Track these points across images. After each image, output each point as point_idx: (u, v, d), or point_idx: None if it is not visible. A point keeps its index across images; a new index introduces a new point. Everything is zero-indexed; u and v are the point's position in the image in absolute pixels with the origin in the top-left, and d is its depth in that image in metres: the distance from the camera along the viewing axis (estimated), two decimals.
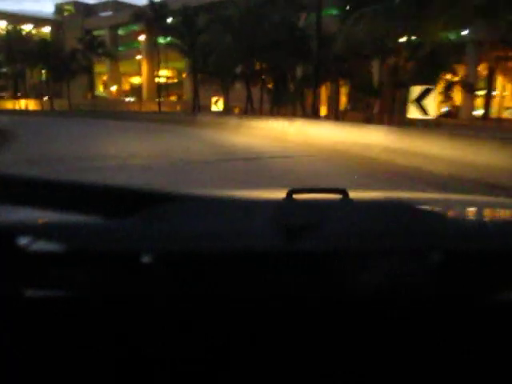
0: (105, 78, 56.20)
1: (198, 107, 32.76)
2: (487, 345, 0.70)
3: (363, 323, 0.69)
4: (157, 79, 41.36)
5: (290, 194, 0.85)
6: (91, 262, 0.65)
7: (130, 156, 10.09)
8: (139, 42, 45.98)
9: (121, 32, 53.54)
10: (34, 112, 43.42)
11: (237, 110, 31.78)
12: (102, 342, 0.68)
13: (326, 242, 0.67)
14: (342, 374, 0.70)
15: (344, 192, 0.87)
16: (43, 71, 46.43)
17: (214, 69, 27.78)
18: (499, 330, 0.70)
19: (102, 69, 54.08)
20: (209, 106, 27.11)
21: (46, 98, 48.43)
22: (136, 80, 59.55)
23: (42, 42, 46.82)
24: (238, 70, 29.06)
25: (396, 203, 0.99)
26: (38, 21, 60.81)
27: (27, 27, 53.78)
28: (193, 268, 0.67)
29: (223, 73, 27.83)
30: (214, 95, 27.90)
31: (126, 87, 57.67)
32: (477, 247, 0.69)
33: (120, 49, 53.18)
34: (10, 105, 50.92)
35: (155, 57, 40.80)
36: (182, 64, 46.92)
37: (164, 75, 51.32)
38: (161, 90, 44.80)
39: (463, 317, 0.70)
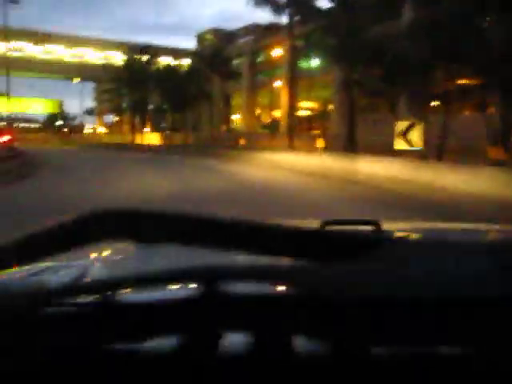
0: (241, 109, 50.96)
1: (351, 142, 20.12)
2: None
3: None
4: (291, 107, 33.34)
5: (323, 226, 0.85)
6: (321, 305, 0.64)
7: None
8: (278, 61, 38.92)
9: (260, 58, 47.71)
10: (141, 147, 38.75)
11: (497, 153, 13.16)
12: None
13: None
14: None
15: (377, 224, 0.87)
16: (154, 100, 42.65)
17: (388, 77, 15.19)
18: None
19: (239, 100, 48.85)
20: (371, 144, 16.01)
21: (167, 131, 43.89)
22: (275, 112, 53.44)
23: (164, 68, 42.96)
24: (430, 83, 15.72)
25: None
26: (178, 53, 58.38)
27: (167, 60, 50.97)
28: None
29: (412, 84, 14.85)
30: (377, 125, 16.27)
31: (266, 119, 51.70)
32: None
33: (259, 77, 47.20)
34: (129, 138, 47.58)
35: (295, 83, 33.56)
36: (327, 92, 39.22)
37: (305, 107, 44.06)
38: (300, 122, 37.25)
39: None
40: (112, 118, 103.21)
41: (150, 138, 46.57)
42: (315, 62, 36.79)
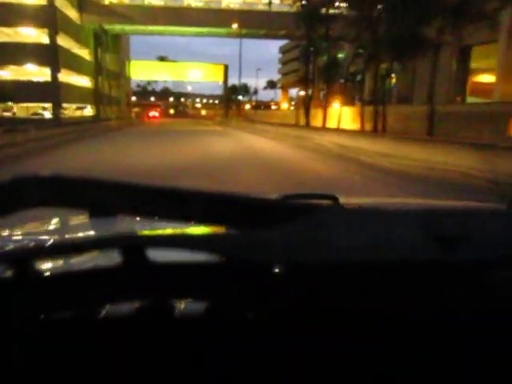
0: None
1: None
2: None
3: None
4: None
5: (282, 199, 0.88)
6: (228, 272, 0.66)
7: None
8: None
9: None
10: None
11: None
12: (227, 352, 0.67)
13: (482, 252, 0.67)
14: None
15: (335, 198, 0.92)
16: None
17: None
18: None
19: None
20: None
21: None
22: None
23: None
24: None
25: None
26: None
27: None
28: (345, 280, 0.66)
29: None
30: None
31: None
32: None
33: None
34: (318, 113, 31.03)
35: None
36: None
37: None
38: None
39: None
40: (298, 92, 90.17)
41: (344, 115, 29.49)
42: None
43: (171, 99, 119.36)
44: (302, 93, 73.13)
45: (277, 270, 0.65)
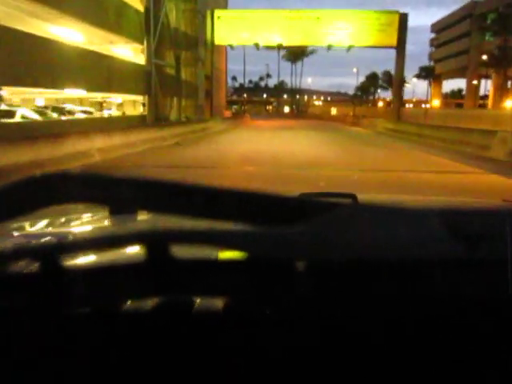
0: None
1: None
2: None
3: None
4: None
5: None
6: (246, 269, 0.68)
7: None
8: None
9: None
10: None
11: None
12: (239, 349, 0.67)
13: (506, 251, 0.67)
14: None
15: (353, 196, 0.91)
16: None
17: None
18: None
19: None
20: None
21: None
22: None
23: None
24: None
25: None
26: None
27: None
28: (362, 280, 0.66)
29: None
30: None
31: None
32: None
33: None
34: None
35: None
36: None
37: None
38: None
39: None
40: (468, 84, 64.06)
41: None
42: None
43: (285, 96, 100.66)
44: (475, 82, 45.79)
45: (298, 268, 0.66)
